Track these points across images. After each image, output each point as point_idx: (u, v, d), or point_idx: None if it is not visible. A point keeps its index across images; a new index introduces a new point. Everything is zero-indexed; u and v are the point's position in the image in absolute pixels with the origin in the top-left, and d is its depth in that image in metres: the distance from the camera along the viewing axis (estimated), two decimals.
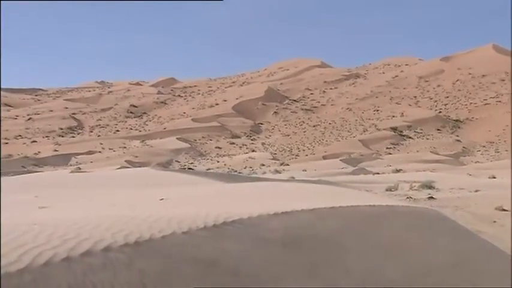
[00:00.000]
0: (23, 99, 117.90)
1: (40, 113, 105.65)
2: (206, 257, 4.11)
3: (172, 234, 4.19)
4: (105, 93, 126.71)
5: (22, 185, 17.84)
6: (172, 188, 13.24)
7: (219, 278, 3.95)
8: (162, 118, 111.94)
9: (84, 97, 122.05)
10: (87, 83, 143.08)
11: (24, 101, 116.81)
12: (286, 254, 4.50)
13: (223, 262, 4.12)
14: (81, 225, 4.55)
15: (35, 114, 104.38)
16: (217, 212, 4.96)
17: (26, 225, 4.63)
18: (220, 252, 4.22)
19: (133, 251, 3.87)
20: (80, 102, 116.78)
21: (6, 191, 15.13)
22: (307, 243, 4.79)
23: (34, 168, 58.56)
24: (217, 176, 23.78)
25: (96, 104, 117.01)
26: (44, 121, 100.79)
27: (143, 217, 4.68)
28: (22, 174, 33.37)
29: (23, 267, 3.46)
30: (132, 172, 25.26)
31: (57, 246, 3.85)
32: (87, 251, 3.77)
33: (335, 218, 5.48)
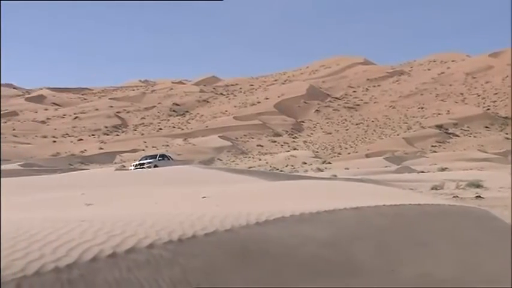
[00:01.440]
0: (70, 99, 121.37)
1: (86, 112, 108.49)
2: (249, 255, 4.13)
3: (214, 232, 4.22)
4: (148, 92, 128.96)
5: (69, 183, 18.37)
6: (214, 186, 13.36)
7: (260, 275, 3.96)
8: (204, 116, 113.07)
9: (128, 96, 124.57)
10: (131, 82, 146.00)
11: (71, 100, 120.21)
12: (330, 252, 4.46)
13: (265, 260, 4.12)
14: (126, 222, 4.64)
15: (81, 113, 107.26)
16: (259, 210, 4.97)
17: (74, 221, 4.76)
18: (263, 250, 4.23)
19: (176, 248, 3.92)
20: (124, 101, 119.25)
21: (55, 188, 15.62)
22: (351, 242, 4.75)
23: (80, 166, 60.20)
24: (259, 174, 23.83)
25: (139, 102, 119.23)
26: (89, 120, 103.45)
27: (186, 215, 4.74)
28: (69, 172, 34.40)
29: (72, 262, 3.56)
30: (175, 170, 25.62)
31: (103, 242, 3.94)
32: (132, 247, 3.85)
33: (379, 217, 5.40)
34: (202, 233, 4.21)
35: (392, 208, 5.80)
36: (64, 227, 4.66)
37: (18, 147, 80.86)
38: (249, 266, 4.02)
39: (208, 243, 4.10)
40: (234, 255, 4.07)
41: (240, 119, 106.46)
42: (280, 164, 72.32)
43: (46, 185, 16.87)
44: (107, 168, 42.40)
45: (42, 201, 11.83)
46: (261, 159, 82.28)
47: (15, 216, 6.30)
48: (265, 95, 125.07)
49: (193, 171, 22.43)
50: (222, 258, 3.99)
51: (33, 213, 6.94)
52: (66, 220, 5.09)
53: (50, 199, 12.04)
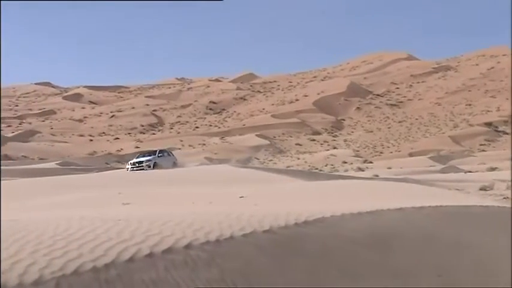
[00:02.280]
0: (106, 97, 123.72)
1: (122, 110, 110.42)
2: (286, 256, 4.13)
3: (252, 233, 4.24)
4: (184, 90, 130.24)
5: (106, 182, 18.78)
6: (251, 186, 13.40)
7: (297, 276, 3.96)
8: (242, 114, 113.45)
9: (165, 94, 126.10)
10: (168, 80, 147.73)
11: (108, 98, 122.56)
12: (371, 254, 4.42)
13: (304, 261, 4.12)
14: (163, 222, 4.72)
15: (117, 112, 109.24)
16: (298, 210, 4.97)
17: (111, 220, 4.87)
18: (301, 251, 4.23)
19: (214, 249, 3.96)
20: (161, 99, 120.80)
21: (92, 187, 15.99)
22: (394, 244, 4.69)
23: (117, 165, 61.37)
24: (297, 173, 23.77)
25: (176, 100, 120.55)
26: (126, 118, 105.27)
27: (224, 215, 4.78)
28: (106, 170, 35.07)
29: (109, 262, 3.65)
30: (212, 169, 25.83)
31: (140, 242, 4.02)
32: (169, 248, 3.91)
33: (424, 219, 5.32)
34: (240, 233, 4.24)
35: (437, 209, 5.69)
36: (101, 226, 4.77)
37: (55, 146, 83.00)
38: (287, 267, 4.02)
39: (246, 244, 4.12)
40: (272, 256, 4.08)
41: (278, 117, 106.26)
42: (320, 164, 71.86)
43: (83, 184, 17.29)
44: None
45: (80, 200, 12.13)
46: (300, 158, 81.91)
47: (53, 215, 6.48)
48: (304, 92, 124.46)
49: (230, 171, 22.56)
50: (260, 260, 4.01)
51: (71, 212, 7.13)
52: (103, 219, 5.21)
53: (87, 198, 12.34)
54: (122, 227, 4.65)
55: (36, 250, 3.82)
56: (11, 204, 12.58)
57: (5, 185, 19.27)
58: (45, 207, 11.30)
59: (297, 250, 4.19)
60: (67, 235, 4.37)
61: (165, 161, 29.87)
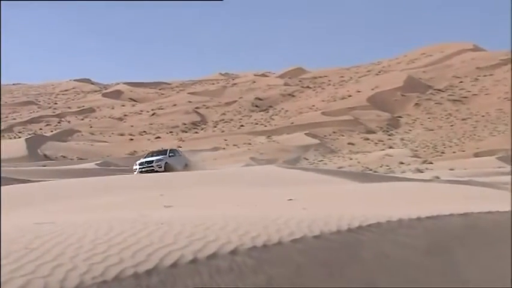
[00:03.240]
0: (147, 94, 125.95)
1: (164, 108, 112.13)
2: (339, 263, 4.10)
3: (302, 238, 4.23)
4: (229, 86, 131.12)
5: (147, 183, 19.11)
6: (300, 188, 13.37)
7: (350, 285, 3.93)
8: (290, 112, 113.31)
9: (208, 90, 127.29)
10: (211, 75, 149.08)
11: (149, 95, 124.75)
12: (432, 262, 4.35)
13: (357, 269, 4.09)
14: (207, 226, 4.77)
15: (158, 109, 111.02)
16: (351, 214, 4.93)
17: (153, 224, 4.96)
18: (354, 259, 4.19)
19: (261, 255, 3.97)
20: (204, 96, 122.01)
21: (133, 188, 16.31)
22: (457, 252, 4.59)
23: None
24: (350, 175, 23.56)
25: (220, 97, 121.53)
26: (167, 116, 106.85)
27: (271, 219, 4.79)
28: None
29: (151, 268, 3.72)
30: (258, 170, 25.90)
31: (184, 247, 4.08)
32: (213, 253, 3.95)
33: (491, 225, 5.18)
34: (288, 239, 4.24)
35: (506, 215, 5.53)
36: (143, 230, 4.87)
37: (95, 145, 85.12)
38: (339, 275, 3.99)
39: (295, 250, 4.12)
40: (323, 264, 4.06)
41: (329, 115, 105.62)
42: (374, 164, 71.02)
43: (123, 186, 17.66)
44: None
45: (120, 202, 12.40)
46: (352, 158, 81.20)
47: (94, 218, 6.65)
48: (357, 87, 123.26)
49: (277, 172, 22.56)
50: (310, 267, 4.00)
51: (112, 215, 7.29)
52: (145, 223, 5.31)
53: (128, 200, 12.60)
54: (164, 231, 4.73)
55: (77, 254, 3.93)
56: (48, 206, 12.98)
57: (43, 186, 19.91)
58: (85, 209, 11.61)
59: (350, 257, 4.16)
60: (108, 239, 4.48)
61: (176, 162, 28.85)
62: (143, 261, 3.82)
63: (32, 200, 14.89)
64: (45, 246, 4.15)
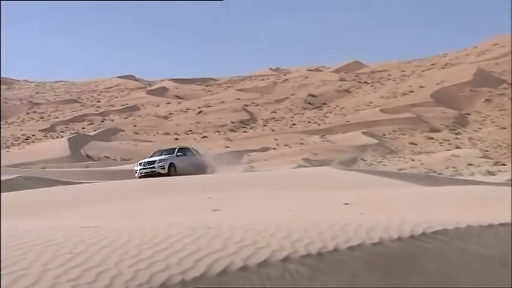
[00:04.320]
0: (193, 91, 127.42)
1: (211, 105, 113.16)
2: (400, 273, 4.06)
3: (360, 245, 4.21)
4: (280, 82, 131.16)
5: (193, 185, 19.35)
6: (357, 191, 13.27)
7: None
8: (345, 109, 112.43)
9: (258, 86, 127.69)
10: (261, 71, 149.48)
11: (195, 93, 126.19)
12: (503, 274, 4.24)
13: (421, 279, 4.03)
14: (258, 231, 4.80)
15: (205, 107, 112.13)
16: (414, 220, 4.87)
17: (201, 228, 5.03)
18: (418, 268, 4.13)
19: (315, 263, 3.97)
20: (253, 93, 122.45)
21: (179, 190, 16.54)
22: None
23: None
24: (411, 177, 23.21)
25: (270, 94, 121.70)
26: (214, 114, 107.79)
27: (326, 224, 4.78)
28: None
29: (199, 275, 3.77)
30: (311, 172, 25.84)
31: (233, 253, 4.11)
32: (264, 260, 3.97)
33: None
34: (345, 246, 4.22)
35: None
36: (190, 235, 4.93)
37: (139, 145, 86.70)
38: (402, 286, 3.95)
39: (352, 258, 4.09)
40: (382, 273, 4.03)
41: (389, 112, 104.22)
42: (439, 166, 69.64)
43: (169, 188, 17.93)
44: (234, 169, 43.97)
45: (166, 205, 12.61)
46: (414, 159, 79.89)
47: (139, 222, 6.79)
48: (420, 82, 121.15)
49: (332, 174, 22.44)
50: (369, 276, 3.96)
51: (157, 219, 7.42)
52: (192, 227, 5.38)
53: (174, 203, 12.80)
54: (213, 236, 4.78)
55: (122, 260, 4.02)
56: (91, 209, 13.32)
57: (86, 189, 20.43)
58: (129, 213, 11.85)
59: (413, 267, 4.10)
60: (153, 244, 4.56)
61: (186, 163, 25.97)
62: (190, 268, 3.87)
63: (75, 203, 15.30)
64: (90, 251, 4.27)
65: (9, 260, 3.99)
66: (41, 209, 14.64)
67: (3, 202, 16.40)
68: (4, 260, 4.00)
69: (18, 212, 13.85)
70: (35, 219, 11.02)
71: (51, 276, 3.61)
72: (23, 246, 4.46)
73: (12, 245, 4.50)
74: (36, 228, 6.02)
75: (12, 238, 4.85)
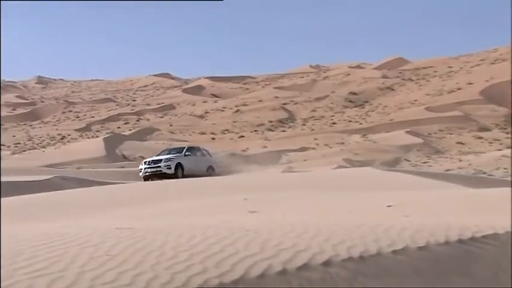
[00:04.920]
0: (230, 89, 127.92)
1: (248, 104, 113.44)
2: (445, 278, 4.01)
3: (404, 249, 4.18)
4: (320, 79, 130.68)
5: (230, 186, 19.44)
6: (401, 192, 13.15)
7: None
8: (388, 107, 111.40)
9: (297, 84, 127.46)
10: (300, 68, 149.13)
11: (232, 91, 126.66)
12: None
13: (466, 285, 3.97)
14: (297, 234, 4.80)
15: (242, 106, 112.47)
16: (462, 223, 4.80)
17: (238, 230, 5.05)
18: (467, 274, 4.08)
19: (357, 267, 3.96)
20: (292, 91, 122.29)
21: (215, 191, 16.64)
22: None
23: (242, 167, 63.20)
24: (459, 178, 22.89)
25: (309, 92, 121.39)
26: (252, 113, 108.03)
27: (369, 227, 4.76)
28: (230, 173, 36.22)
29: (237, 278, 3.79)
30: (352, 172, 25.70)
31: (272, 256, 4.13)
32: (304, 264, 3.97)
33: None
34: (388, 250, 4.19)
35: None
36: (228, 237, 4.96)
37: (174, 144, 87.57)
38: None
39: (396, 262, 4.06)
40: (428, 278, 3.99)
41: (434, 110, 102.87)
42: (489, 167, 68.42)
43: (205, 189, 18.05)
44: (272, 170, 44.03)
45: (202, 206, 12.70)
46: (462, 160, 78.66)
47: (175, 223, 6.86)
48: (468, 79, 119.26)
49: (374, 174, 22.28)
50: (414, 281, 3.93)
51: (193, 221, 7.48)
52: (229, 229, 5.41)
53: (210, 204, 12.88)
54: (250, 238, 4.80)
55: (158, 262, 4.08)
56: (126, 210, 13.51)
57: (121, 189, 20.72)
58: (164, 214, 11.97)
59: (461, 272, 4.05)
60: (190, 246, 4.61)
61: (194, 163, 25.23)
62: (228, 271, 3.90)
63: (110, 204, 15.55)
64: (126, 253, 4.34)
65: (47, 261, 4.09)
66: (78, 209, 14.92)
67: (40, 202, 16.77)
68: (41, 260, 4.10)
69: (54, 213, 14.14)
70: (71, 220, 11.24)
71: (88, 279, 3.68)
72: (60, 247, 4.56)
73: (50, 246, 4.60)
74: (72, 229, 6.14)
75: (49, 239, 4.96)
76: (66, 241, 4.82)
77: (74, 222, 10.10)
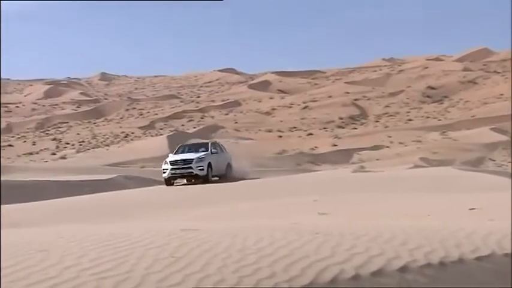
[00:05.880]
0: (298, 84, 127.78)
1: (317, 100, 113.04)
2: None
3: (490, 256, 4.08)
4: (394, 73, 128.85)
5: (299, 186, 19.44)
6: (485, 194, 12.84)
7: None
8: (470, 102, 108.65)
9: (369, 78, 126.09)
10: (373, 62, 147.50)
11: (300, 86, 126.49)
12: None
13: None
14: (370, 238, 4.76)
15: (311, 102, 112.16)
16: None
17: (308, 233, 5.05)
18: None
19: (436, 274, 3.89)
20: (364, 85, 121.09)
21: (282, 192, 16.68)
22: None
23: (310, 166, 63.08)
24: None
25: (383, 86, 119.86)
26: (321, 109, 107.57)
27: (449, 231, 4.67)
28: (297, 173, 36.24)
29: (307, 283, 3.80)
30: (430, 173, 25.23)
31: (344, 261, 4.11)
32: (379, 269, 3.94)
33: None
34: (472, 256, 4.10)
35: None
36: (296, 240, 4.97)
37: (240, 143, 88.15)
38: None
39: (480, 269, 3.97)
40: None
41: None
42: None
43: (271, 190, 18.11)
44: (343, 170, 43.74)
45: (269, 208, 12.75)
46: None
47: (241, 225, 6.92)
48: None
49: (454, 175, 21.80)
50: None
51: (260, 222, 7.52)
52: (298, 232, 5.42)
53: (277, 206, 12.92)
54: (320, 241, 4.79)
55: (225, 265, 4.13)
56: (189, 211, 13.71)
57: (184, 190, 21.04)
58: (230, 215, 12.09)
59: None
60: (257, 249, 4.64)
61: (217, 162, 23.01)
62: (298, 276, 3.91)
63: (174, 204, 15.83)
64: (191, 255, 4.41)
65: (113, 262, 4.21)
66: (141, 210, 15.26)
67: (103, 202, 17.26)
68: (107, 262, 4.22)
69: (118, 213, 14.52)
70: (135, 221, 11.51)
71: (154, 281, 3.77)
72: (124, 248, 4.68)
73: (115, 247, 4.73)
74: (137, 230, 6.29)
75: (114, 240, 5.10)
76: (131, 242, 4.94)
77: (137, 222, 10.33)
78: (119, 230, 6.47)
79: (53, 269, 4.03)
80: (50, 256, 4.43)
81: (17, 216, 14.22)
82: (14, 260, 4.33)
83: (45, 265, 4.14)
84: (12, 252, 4.66)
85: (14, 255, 4.52)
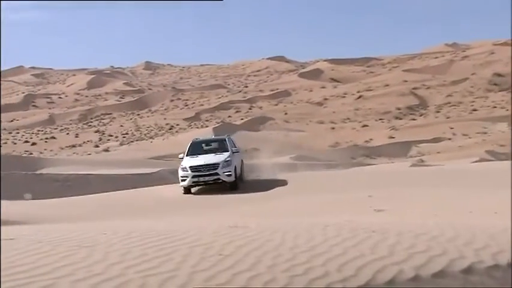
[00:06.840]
0: (352, 73, 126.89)
1: (373, 89, 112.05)
2: None
3: None
4: (457, 60, 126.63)
5: (353, 181, 19.33)
6: None
7: None
8: None
9: (429, 66, 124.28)
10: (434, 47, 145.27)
11: (354, 75, 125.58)
12: None
13: None
14: (431, 236, 4.70)
15: (366, 91, 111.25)
16: None
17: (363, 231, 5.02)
18: None
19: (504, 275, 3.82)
20: (424, 73, 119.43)
21: (336, 187, 16.60)
22: None
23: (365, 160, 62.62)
24: None
25: (445, 74, 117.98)
26: (377, 99, 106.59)
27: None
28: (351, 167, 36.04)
29: (363, 284, 3.77)
30: (497, 167, 24.80)
31: (402, 261, 4.07)
32: (441, 270, 3.89)
33: None
34: None
35: None
36: (351, 238, 4.94)
37: (289, 135, 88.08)
38: None
39: None
40: None
41: None
42: None
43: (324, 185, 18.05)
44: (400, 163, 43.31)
45: (322, 204, 12.72)
46: None
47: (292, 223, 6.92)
48: None
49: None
50: None
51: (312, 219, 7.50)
52: (352, 229, 5.38)
53: (330, 202, 12.88)
54: (377, 240, 4.76)
55: (275, 264, 4.13)
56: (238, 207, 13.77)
57: None
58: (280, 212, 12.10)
59: None
60: (310, 247, 4.63)
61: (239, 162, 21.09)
62: (352, 276, 3.89)
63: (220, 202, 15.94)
64: (240, 253, 4.42)
65: (157, 259, 4.26)
66: (185, 206, 15.41)
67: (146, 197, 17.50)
68: (150, 260, 4.27)
69: (160, 208, 14.70)
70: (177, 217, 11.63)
71: (201, 279, 3.79)
72: (168, 245, 4.72)
73: (158, 244, 4.78)
74: (181, 226, 6.35)
75: (158, 236, 5.16)
76: (174, 239, 4.99)
77: (180, 218, 10.43)
78: (161, 226, 6.54)
79: (98, 266, 4.10)
80: (93, 253, 4.51)
81: (58, 211, 14.54)
82: (58, 256, 4.42)
83: (90, 262, 4.22)
84: (53, 248, 4.75)
85: (56, 252, 4.61)
